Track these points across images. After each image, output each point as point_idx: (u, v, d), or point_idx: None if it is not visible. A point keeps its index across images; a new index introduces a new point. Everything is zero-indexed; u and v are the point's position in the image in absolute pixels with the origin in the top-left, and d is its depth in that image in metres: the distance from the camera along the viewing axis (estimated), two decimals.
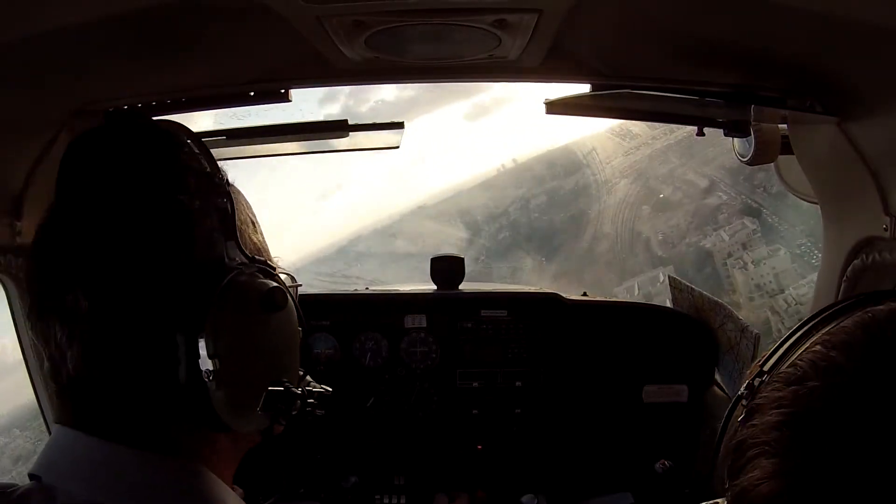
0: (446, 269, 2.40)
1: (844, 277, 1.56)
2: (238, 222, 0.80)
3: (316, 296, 2.46)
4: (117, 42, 1.17)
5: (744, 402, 0.72)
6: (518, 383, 2.31)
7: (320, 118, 1.89)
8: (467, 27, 1.24)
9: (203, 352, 0.71)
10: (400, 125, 1.84)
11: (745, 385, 0.73)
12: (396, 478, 2.31)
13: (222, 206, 0.78)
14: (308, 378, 0.93)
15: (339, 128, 1.81)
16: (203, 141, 0.82)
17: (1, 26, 0.97)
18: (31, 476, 0.74)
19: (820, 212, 1.70)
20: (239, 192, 0.87)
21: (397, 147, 1.93)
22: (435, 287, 2.41)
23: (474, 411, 2.32)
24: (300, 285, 0.98)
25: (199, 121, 1.80)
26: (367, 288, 2.65)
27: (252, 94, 1.57)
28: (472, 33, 1.27)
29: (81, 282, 0.71)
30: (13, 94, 1.24)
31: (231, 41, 1.33)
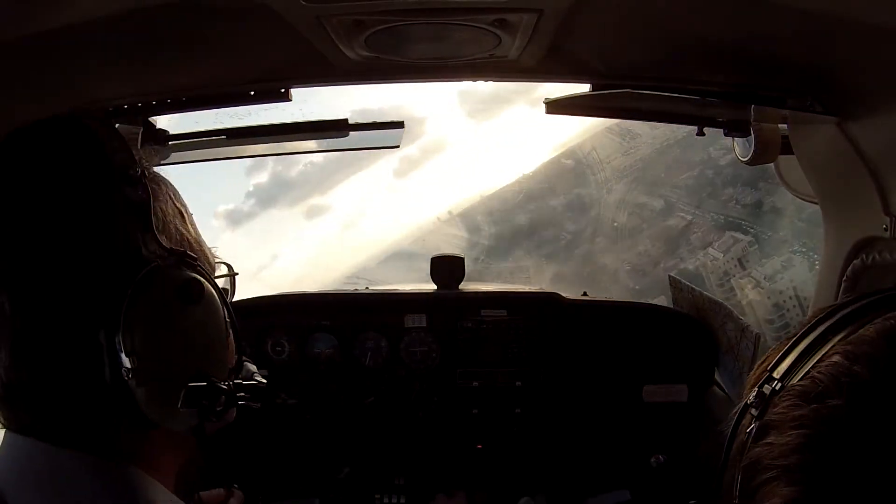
0: (446, 268, 2.40)
1: (844, 277, 1.56)
2: (161, 213, 0.79)
3: (316, 295, 2.46)
4: (117, 42, 1.17)
5: (753, 411, 0.67)
6: (518, 383, 2.30)
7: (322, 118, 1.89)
8: (467, 26, 1.24)
9: (121, 348, 0.70)
10: (400, 124, 1.84)
11: (754, 392, 0.68)
12: (396, 478, 2.31)
13: (137, 198, 0.76)
14: (250, 367, 0.91)
15: (339, 127, 1.81)
16: (117, 129, 0.81)
17: (1, 26, 0.97)
18: None
19: (820, 211, 1.70)
20: (167, 183, 0.85)
21: (397, 146, 1.93)
22: (435, 287, 2.41)
23: (474, 411, 2.32)
24: (237, 274, 0.96)
25: (200, 120, 1.80)
26: (367, 288, 2.65)
27: (252, 93, 1.57)
28: (472, 33, 1.26)
29: (2, 283, 0.71)
30: (13, 93, 1.24)
31: (231, 41, 1.33)
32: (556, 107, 1.71)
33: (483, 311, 2.31)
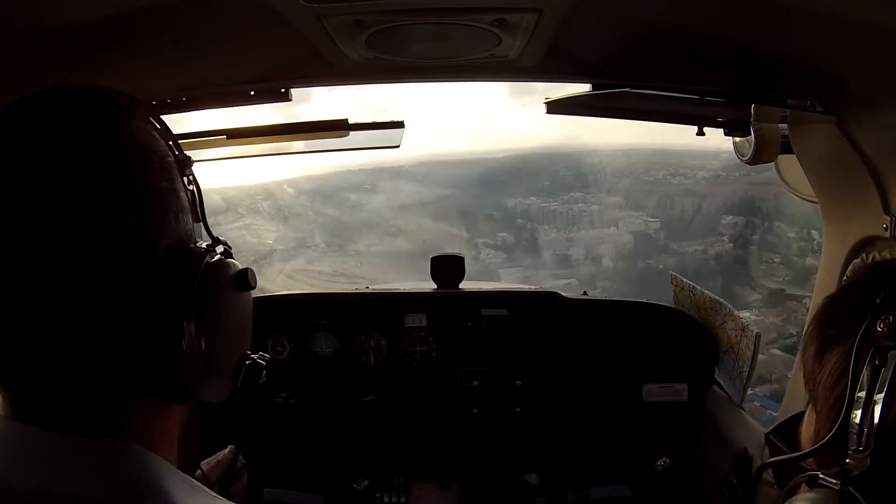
0: (447, 267, 2.40)
1: (844, 277, 1.57)
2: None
3: (316, 295, 2.46)
4: (118, 41, 1.17)
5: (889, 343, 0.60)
6: (518, 382, 2.31)
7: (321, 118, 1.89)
8: (467, 26, 1.24)
9: (187, 330, 0.73)
10: (400, 124, 1.84)
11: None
12: (397, 477, 2.31)
13: (190, 186, 0.81)
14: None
15: (339, 127, 1.82)
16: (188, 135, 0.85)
17: (1, 26, 0.98)
18: None
19: (820, 211, 1.70)
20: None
21: (397, 146, 1.93)
22: (435, 286, 2.41)
23: (474, 410, 2.32)
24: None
25: (200, 120, 1.80)
26: (367, 287, 2.66)
27: (252, 93, 1.58)
28: (472, 32, 1.27)
29: (40, 259, 0.67)
30: (13, 94, 1.24)
31: (231, 40, 1.33)
32: (557, 107, 1.72)
33: (483, 311, 2.31)
